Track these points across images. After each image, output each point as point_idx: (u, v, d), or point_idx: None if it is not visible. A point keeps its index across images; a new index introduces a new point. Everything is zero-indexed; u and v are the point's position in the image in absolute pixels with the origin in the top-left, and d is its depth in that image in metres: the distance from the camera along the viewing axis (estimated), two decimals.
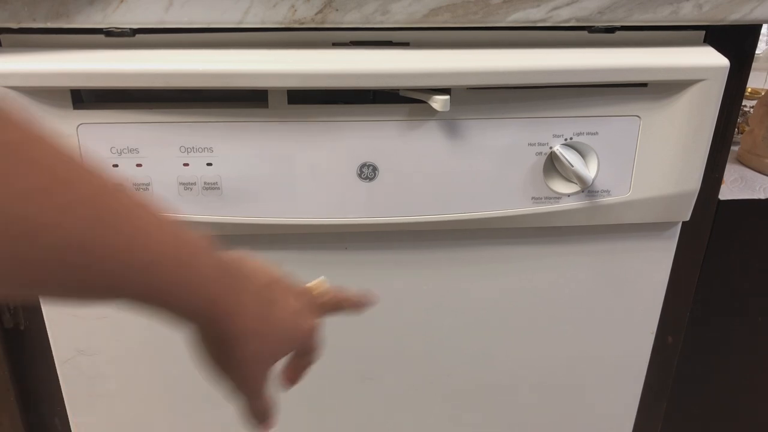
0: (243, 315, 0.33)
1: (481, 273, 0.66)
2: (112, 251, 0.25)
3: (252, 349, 0.34)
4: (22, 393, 0.70)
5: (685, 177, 0.61)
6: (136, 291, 0.27)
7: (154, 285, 0.27)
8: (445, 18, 0.53)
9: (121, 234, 0.25)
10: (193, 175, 0.56)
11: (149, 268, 0.27)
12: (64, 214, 0.23)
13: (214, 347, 0.33)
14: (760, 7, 0.54)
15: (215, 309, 0.31)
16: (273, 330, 0.35)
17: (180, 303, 0.29)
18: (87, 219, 0.24)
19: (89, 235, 0.24)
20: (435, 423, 0.75)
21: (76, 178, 0.24)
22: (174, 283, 0.28)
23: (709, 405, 0.82)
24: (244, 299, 0.33)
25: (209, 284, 0.30)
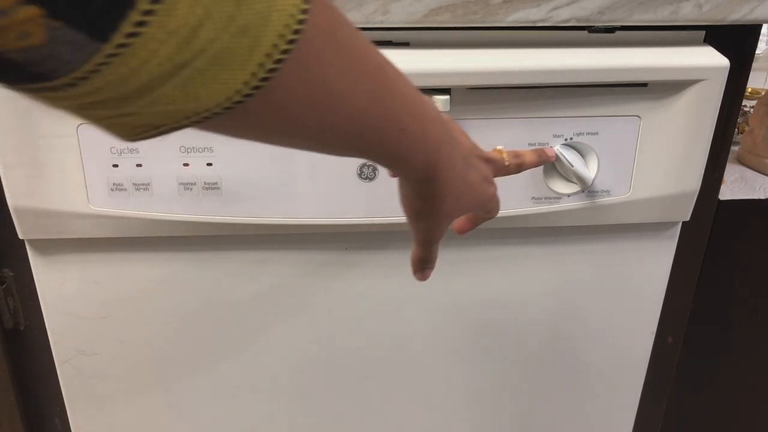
0: (452, 177, 0.37)
1: (481, 273, 0.66)
2: (381, 120, 0.31)
3: (451, 205, 0.39)
4: (22, 393, 0.70)
5: (685, 177, 0.61)
6: (387, 150, 0.32)
7: (401, 147, 0.33)
8: (445, 18, 0.53)
9: (387, 107, 0.31)
10: (193, 175, 0.56)
11: (401, 133, 0.32)
12: (354, 90, 0.28)
13: (421, 201, 0.38)
14: (760, 7, 0.54)
15: (434, 170, 0.36)
16: (469, 191, 0.41)
17: (411, 162, 0.34)
18: (368, 94, 0.29)
19: (368, 107, 0.29)
20: (435, 423, 0.75)
21: (364, 59, 0.29)
22: (412, 147, 0.33)
23: (709, 405, 0.82)
24: (455, 164, 0.38)
25: (436, 149, 0.35)
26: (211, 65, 0.21)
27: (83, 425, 0.71)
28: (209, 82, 0.22)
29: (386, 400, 0.73)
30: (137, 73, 0.20)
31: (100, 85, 0.20)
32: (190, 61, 0.21)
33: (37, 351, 0.68)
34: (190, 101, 0.22)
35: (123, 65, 0.20)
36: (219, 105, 0.23)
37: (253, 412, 0.72)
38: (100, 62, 0.19)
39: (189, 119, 0.23)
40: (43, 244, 0.61)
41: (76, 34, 0.18)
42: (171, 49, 0.20)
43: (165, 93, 0.21)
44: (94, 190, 0.57)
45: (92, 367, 0.67)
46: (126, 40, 0.19)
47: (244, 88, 0.23)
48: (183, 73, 0.21)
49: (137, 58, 0.20)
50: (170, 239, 0.62)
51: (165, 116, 0.23)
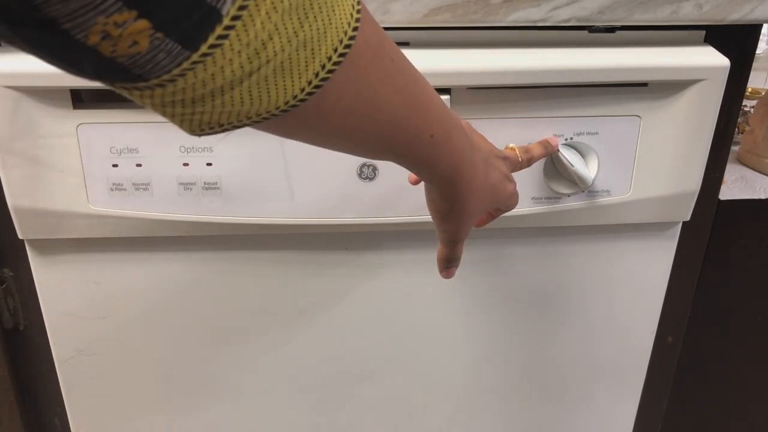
0: (474, 178, 0.40)
1: (481, 273, 0.66)
2: (414, 127, 0.34)
3: (475, 205, 0.42)
4: (22, 393, 0.70)
5: (685, 177, 0.61)
6: (417, 154, 0.36)
7: (430, 152, 0.36)
8: (445, 18, 0.53)
9: (420, 115, 0.34)
10: (193, 175, 0.56)
11: (431, 139, 0.35)
12: (393, 98, 0.31)
13: (447, 203, 0.41)
14: (760, 7, 0.54)
15: (458, 173, 0.39)
16: (491, 190, 0.44)
17: (438, 166, 0.37)
18: (404, 103, 0.32)
19: (404, 115, 0.33)
20: (435, 423, 0.75)
21: (402, 72, 0.32)
22: (439, 151, 0.36)
23: (709, 405, 0.82)
24: (476, 166, 0.41)
25: (460, 154, 0.38)
26: (275, 73, 0.25)
27: (83, 425, 0.71)
28: (272, 88, 0.25)
29: (386, 400, 0.73)
30: (214, 78, 0.24)
31: (182, 86, 0.24)
32: (257, 70, 0.24)
33: (37, 351, 0.68)
34: (254, 104, 0.25)
35: (204, 71, 0.23)
36: (278, 108, 0.26)
37: (253, 412, 0.72)
38: (186, 68, 0.23)
39: (250, 119, 0.26)
40: (42, 244, 0.61)
41: (172, 44, 0.22)
42: (244, 59, 0.24)
43: (235, 96, 0.25)
44: (93, 190, 0.56)
45: (92, 367, 0.67)
46: (209, 50, 0.23)
47: (301, 93, 0.26)
48: (251, 80, 0.24)
49: (216, 66, 0.23)
50: (170, 239, 0.62)
51: (231, 116, 0.26)
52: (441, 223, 0.43)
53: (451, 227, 0.44)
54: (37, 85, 0.52)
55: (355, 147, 0.34)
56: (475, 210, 0.43)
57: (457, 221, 0.43)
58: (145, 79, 0.23)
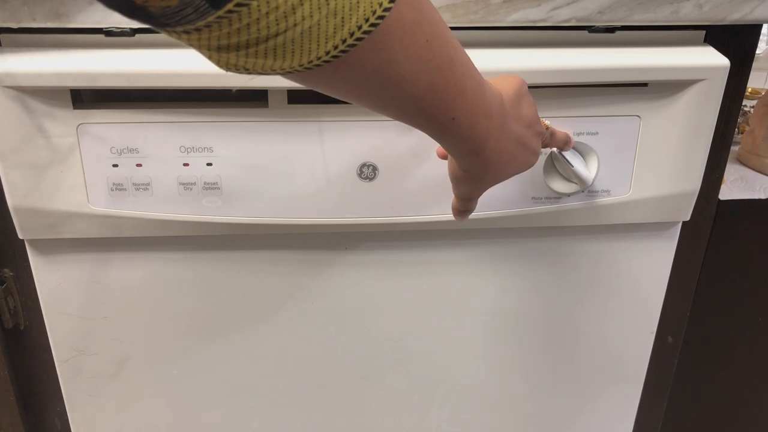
0: (497, 160, 0.41)
1: (481, 273, 0.66)
2: (434, 108, 0.34)
3: (491, 178, 0.43)
4: (22, 393, 0.70)
5: (685, 177, 0.61)
6: (437, 131, 0.36)
7: (450, 133, 0.37)
8: (445, 18, 0.53)
9: (443, 99, 0.34)
10: (193, 175, 0.56)
11: (452, 122, 0.36)
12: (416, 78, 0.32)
13: (464, 172, 0.43)
14: (761, 7, 0.54)
15: (478, 156, 0.40)
16: (512, 168, 0.45)
17: (458, 146, 0.38)
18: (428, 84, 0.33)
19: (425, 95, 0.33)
20: (435, 423, 0.75)
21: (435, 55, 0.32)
22: (459, 134, 0.37)
23: (709, 405, 0.82)
24: (501, 151, 0.41)
25: (483, 140, 0.39)
26: (302, 37, 0.26)
27: (83, 425, 0.71)
28: (297, 49, 0.27)
29: (386, 400, 0.73)
30: (239, 32, 0.26)
31: (207, 36, 0.26)
32: (284, 32, 0.26)
33: (37, 351, 0.68)
34: (277, 60, 0.27)
35: (229, 25, 0.25)
36: (301, 65, 0.28)
37: (253, 412, 0.72)
38: (212, 20, 0.25)
39: (274, 71, 0.29)
40: (43, 244, 0.61)
41: (200, 1, 0.24)
42: (272, 20, 0.25)
43: (259, 51, 0.27)
44: (93, 190, 0.56)
45: (92, 367, 0.67)
46: (235, 8, 0.24)
47: (325, 55, 0.28)
48: (276, 40, 0.26)
49: (241, 23, 0.25)
50: (170, 239, 0.62)
51: (256, 65, 0.28)
52: (456, 184, 0.45)
53: (465, 189, 0.45)
54: (37, 85, 0.52)
55: (378, 109, 0.35)
56: (490, 181, 0.44)
57: (471, 188, 0.45)
58: (171, 27, 0.25)
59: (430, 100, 0.34)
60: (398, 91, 0.32)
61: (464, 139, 0.38)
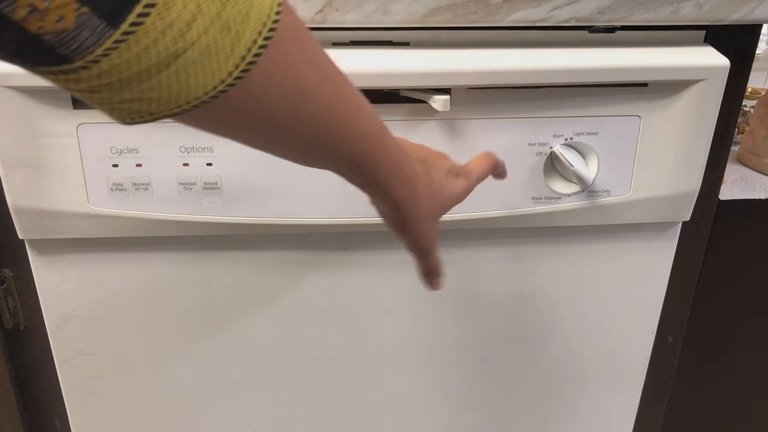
0: (417, 182, 0.40)
1: (481, 273, 0.66)
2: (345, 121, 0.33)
3: (425, 207, 0.41)
4: (22, 393, 0.70)
5: (685, 177, 0.61)
6: (352, 152, 0.35)
7: (367, 151, 0.35)
8: (445, 18, 0.53)
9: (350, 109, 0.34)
10: (193, 175, 0.56)
11: (366, 137, 0.35)
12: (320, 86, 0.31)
13: (395, 212, 0.40)
14: (761, 7, 0.54)
15: (400, 175, 0.38)
16: (437, 190, 0.43)
17: (377, 168, 0.37)
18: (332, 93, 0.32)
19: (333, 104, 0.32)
20: (435, 423, 0.75)
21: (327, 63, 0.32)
22: (377, 151, 0.36)
23: (709, 405, 0.82)
24: (417, 170, 0.40)
25: (398, 155, 0.38)
26: (201, 57, 0.25)
27: (83, 425, 0.71)
28: (199, 72, 0.25)
29: (386, 400, 0.73)
30: (140, 59, 0.24)
31: (107, 68, 0.24)
32: (183, 53, 0.24)
33: (37, 351, 0.68)
34: (183, 90, 0.25)
35: (128, 50, 0.23)
36: (207, 93, 0.26)
37: (253, 412, 0.72)
38: (109, 47, 0.23)
39: (180, 107, 0.26)
40: (43, 244, 0.61)
41: (97, 21, 0.22)
42: (169, 40, 0.24)
43: (162, 81, 0.25)
44: (93, 190, 0.56)
45: (92, 367, 0.67)
46: (131, 28, 0.23)
47: (228, 77, 0.26)
48: (178, 63, 0.24)
49: (140, 46, 0.23)
50: (170, 239, 0.62)
51: (161, 103, 0.26)
52: (402, 234, 0.43)
53: (413, 235, 0.42)
54: (37, 85, 0.52)
55: (287, 141, 0.33)
56: (429, 213, 0.42)
57: (417, 228, 0.42)
58: (69, 61, 0.23)
59: (340, 112, 0.33)
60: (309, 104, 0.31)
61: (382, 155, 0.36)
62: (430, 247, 0.44)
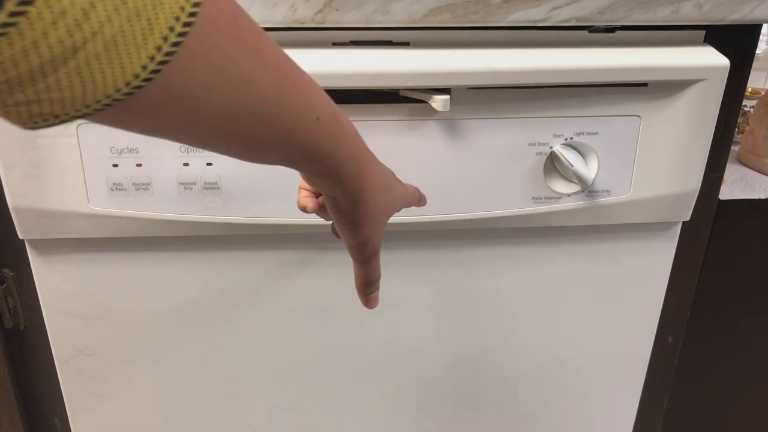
0: (376, 171, 0.38)
1: (481, 273, 0.66)
2: (294, 107, 0.30)
3: (381, 200, 0.39)
4: (22, 393, 0.70)
5: (685, 177, 0.61)
6: (304, 141, 0.32)
7: (321, 138, 0.32)
8: (445, 18, 0.53)
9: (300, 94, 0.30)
10: (193, 175, 0.56)
11: (318, 122, 0.32)
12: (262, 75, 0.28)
13: (351, 202, 0.37)
14: (761, 7, 0.54)
15: (359, 162, 0.35)
16: (392, 186, 0.41)
17: (335, 155, 0.34)
18: (277, 80, 0.29)
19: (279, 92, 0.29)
20: (435, 423, 0.75)
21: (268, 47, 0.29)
22: (331, 137, 0.33)
23: (709, 405, 0.82)
24: (375, 157, 0.38)
25: (355, 139, 0.35)
26: (106, 49, 0.22)
27: (83, 425, 0.71)
28: (106, 67, 0.22)
29: (386, 400, 0.73)
30: (27, 55, 0.20)
31: None
32: (83, 45, 0.21)
33: (37, 351, 0.68)
34: (88, 87, 0.22)
35: (10, 47, 0.20)
36: (119, 91, 0.23)
37: (252, 412, 0.72)
38: None
39: (89, 107, 0.23)
40: (43, 244, 0.61)
41: None
42: (62, 32, 0.21)
43: (61, 79, 0.22)
44: (93, 190, 0.56)
45: (92, 367, 0.67)
46: (11, 20, 0.20)
47: (143, 72, 0.23)
48: (78, 58, 0.21)
49: (26, 40, 0.20)
50: (170, 239, 0.62)
51: (64, 104, 0.23)
52: (354, 232, 0.40)
53: (365, 234, 0.40)
54: None
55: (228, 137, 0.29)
56: (385, 208, 0.40)
57: (370, 222, 0.39)
58: None
59: (287, 100, 0.29)
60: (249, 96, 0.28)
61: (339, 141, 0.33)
62: (376, 251, 0.42)
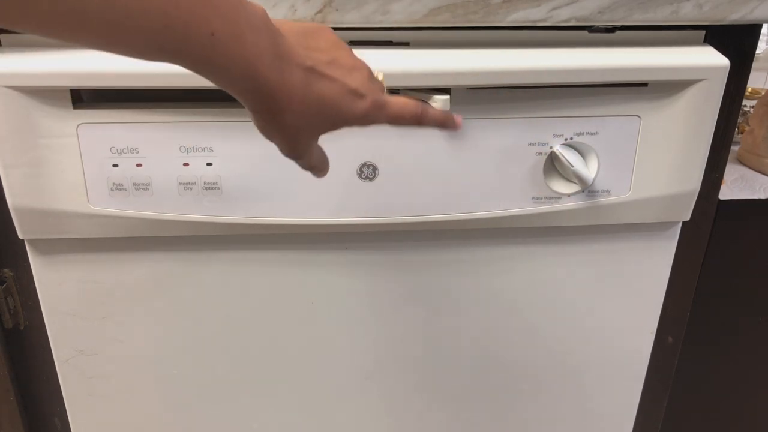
0: (284, 93, 0.35)
1: (481, 273, 0.66)
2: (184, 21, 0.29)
3: (293, 120, 0.37)
4: (22, 393, 0.70)
5: (685, 177, 0.61)
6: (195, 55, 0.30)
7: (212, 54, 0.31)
8: (445, 18, 0.53)
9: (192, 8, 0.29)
10: (193, 175, 0.56)
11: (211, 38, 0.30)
12: None
13: (257, 115, 0.36)
14: (761, 7, 0.54)
15: (256, 81, 0.34)
16: (316, 104, 0.37)
17: (227, 71, 0.32)
18: None
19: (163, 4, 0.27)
20: (435, 423, 0.75)
21: None
22: (225, 53, 0.31)
23: (709, 405, 0.82)
24: (288, 80, 0.35)
25: (257, 58, 0.33)
26: None
27: (83, 425, 0.71)
28: None
29: (386, 401, 0.73)
30: None
31: None
32: None
33: (37, 351, 0.68)
34: None
35: None
36: None
37: (253, 412, 0.72)
38: None
39: None
40: (43, 244, 0.61)
41: None
42: None
43: None
44: (94, 190, 0.56)
45: (92, 367, 0.67)
46: None
47: None
48: None
49: None
50: (170, 239, 0.62)
51: None
52: (267, 137, 0.39)
53: (279, 143, 0.39)
54: (37, 85, 0.52)
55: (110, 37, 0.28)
56: (300, 126, 0.37)
57: (281, 137, 0.38)
58: None
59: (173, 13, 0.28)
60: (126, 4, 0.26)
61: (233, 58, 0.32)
62: (302, 154, 0.40)
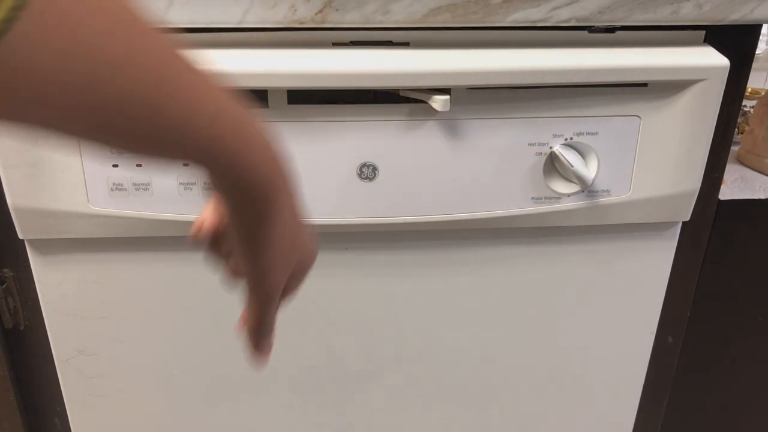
0: (285, 193, 0.32)
1: (481, 273, 0.66)
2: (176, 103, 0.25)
3: (287, 228, 0.33)
4: (22, 393, 0.70)
5: (685, 177, 0.61)
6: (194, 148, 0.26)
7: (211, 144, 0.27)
8: (445, 18, 0.53)
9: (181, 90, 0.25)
10: (193, 175, 0.56)
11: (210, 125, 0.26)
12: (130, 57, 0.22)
13: (254, 221, 0.31)
14: (761, 7, 0.54)
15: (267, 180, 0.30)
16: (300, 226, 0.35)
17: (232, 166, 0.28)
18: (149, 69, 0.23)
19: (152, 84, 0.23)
20: (435, 423, 0.75)
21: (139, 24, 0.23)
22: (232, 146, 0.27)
23: (709, 405, 0.82)
24: (287, 180, 0.32)
25: (263, 154, 0.29)
26: None
27: (83, 425, 0.71)
28: None
29: (386, 401, 0.73)
30: None
31: None
32: None
33: (37, 351, 0.68)
34: None
35: None
36: None
37: (253, 412, 0.72)
38: None
39: None
40: (43, 244, 0.61)
41: None
42: None
43: None
44: (94, 190, 0.56)
45: (92, 367, 0.67)
46: None
47: None
48: None
49: None
50: (170, 239, 0.62)
51: None
52: (255, 253, 0.33)
53: (267, 261, 0.34)
54: None
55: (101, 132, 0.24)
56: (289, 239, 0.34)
57: (273, 248, 0.33)
58: None
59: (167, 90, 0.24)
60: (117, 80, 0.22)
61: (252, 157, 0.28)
62: (277, 288, 0.36)
